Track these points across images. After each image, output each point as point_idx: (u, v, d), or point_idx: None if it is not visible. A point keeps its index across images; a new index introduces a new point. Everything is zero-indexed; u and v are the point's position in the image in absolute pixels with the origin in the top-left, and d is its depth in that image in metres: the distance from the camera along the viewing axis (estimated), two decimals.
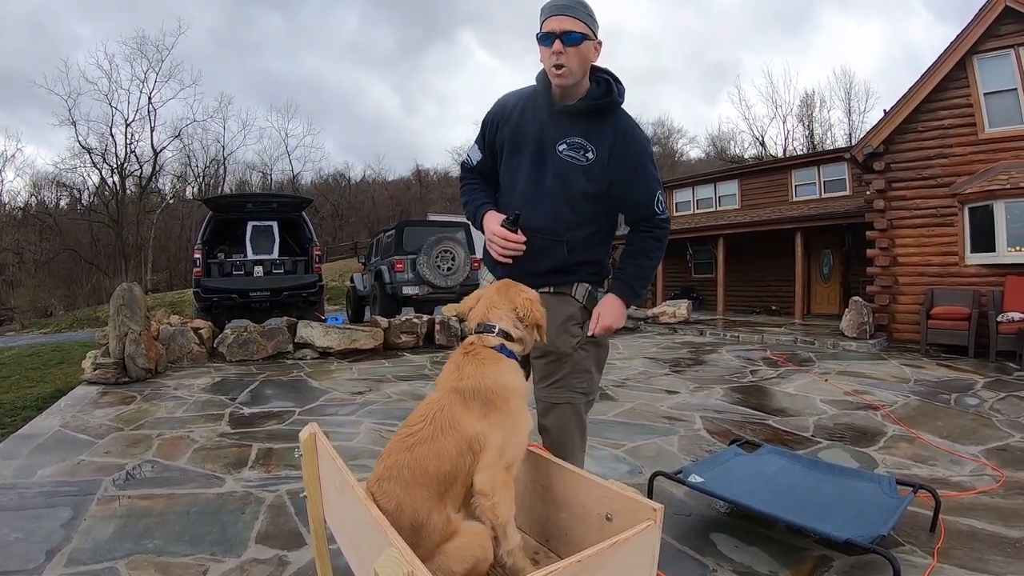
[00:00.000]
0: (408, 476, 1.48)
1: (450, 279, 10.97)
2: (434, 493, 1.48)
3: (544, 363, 2.05)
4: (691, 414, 4.85)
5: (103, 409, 5.15)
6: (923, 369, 7.13)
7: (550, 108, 2.00)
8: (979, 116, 8.79)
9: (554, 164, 1.99)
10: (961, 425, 4.58)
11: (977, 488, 3.24)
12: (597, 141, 1.96)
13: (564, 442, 2.08)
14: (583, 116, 1.98)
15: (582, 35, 1.89)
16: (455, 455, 1.49)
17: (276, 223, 10.71)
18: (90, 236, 39.44)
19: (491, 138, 2.15)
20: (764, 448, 3.29)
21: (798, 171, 15.89)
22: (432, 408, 1.57)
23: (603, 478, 1.56)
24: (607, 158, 1.97)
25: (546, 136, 2.00)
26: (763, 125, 50.47)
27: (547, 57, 1.91)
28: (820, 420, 4.71)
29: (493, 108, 2.17)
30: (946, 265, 9.16)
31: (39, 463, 3.66)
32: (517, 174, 2.07)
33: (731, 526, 2.75)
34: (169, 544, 2.59)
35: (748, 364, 7.46)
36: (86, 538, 2.62)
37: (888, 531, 2.24)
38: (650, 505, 1.34)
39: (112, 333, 6.69)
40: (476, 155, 2.21)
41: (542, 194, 2.02)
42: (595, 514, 1.52)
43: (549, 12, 1.89)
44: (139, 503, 3.03)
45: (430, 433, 1.52)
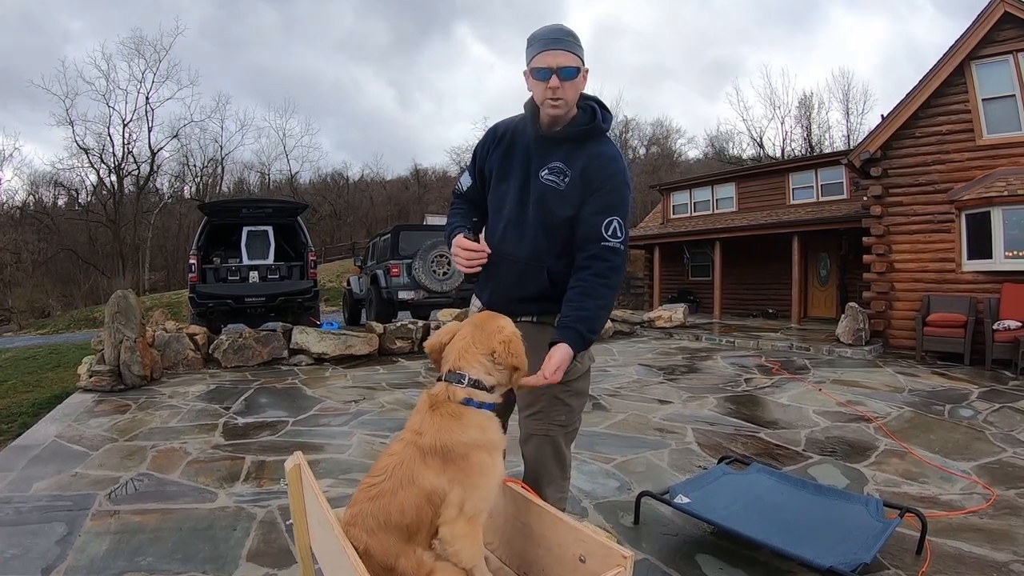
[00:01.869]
0: (373, 523, 1.53)
1: (446, 284, 10.96)
2: (400, 539, 1.53)
3: (524, 393, 2.00)
4: (683, 426, 4.84)
5: (98, 418, 5.17)
6: (918, 378, 7.12)
7: (537, 135, 2.02)
8: (977, 122, 8.77)
9: (535, 189, 2.01)
10: (954, 439, 4.55)
11: (966, 508, 3.22)
12: (573, 164, 1.97)
13: (540, 472, 2.09)
14: (566, 142, 2.00)
15: (576, 68, 1.91)
16: (415, 508, 1.53)
17: (271, 228, 10.74)
18: (88, 236, 39.42)
19: (481, 164, 2.17)
20: (753, 467, 3.28)
21: (795, 174, 15.86)
22: (393, 461, 1.59)
23: (579, 519, 1.60)
24: (578, 179, 1.96)
25: (532, 162, 2.03)
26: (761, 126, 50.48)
27: (542, 91, 1.92)
28: (812, 433, 4.69)
29: (485, 135, 2.20)
30: (943, 272, 9.14)
31: (35, 475, 3.69)
32: (504, 200, 2.08)
33: (717, 547, 2.73)
34: (161, 561, 2.61)
35: (743, 372, 7.44)
36: (81, 555, 2.64)
37: (872, 558, 2.23)
38: (620, 552, 1.36)
39: (107, 341, 6.72)
40: (467, 181, 2.23)
41: (525, 220, 2.03)
42: (570, 554, 1.55)
43: (543, 47, 1.89)
44: (133, 519, 3.05)
45: (391, 486, 1.55)
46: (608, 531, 2.83)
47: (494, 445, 1.66)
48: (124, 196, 38.76)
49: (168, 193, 42.96)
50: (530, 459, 2.11)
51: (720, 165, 37.71)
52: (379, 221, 45.96)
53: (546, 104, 1.93)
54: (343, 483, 3.58)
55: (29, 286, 31.63)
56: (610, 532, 1.53)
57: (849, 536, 2.44)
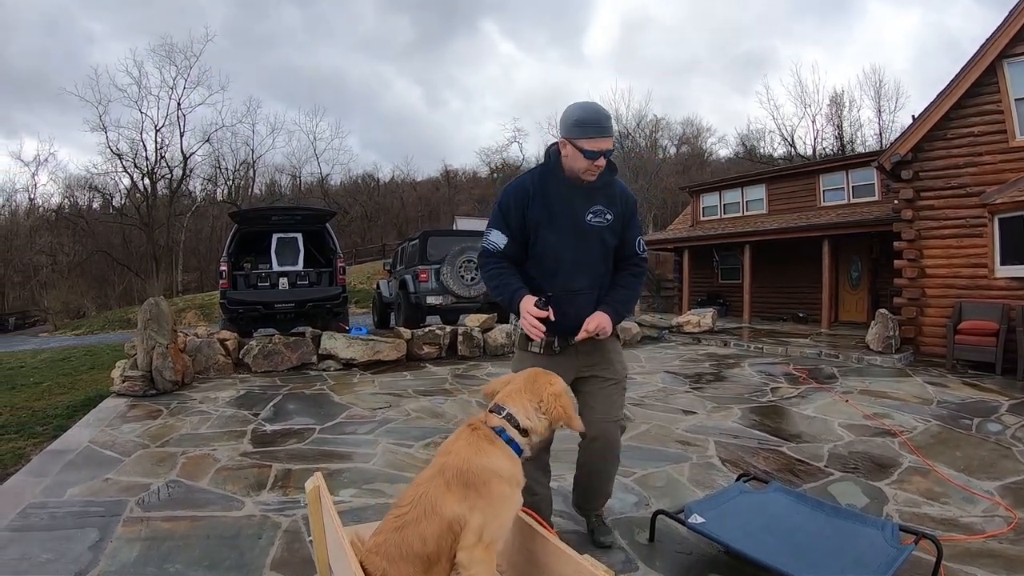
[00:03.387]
0: (395, 553, 1.64)
1: (474, 289, 11.03)
2: (420, 568, 1.64)
3: (606, 386, 2.65)
4: (705, 439, 4.83)
5: (130, 424, 5.33)
6: (947, 388, 6.99)
7: (570, 187, 2.48)
8: (1010, 123, 8.57)
9: (589, 231, 2.51)
10: (980, 456, 4.47)
11: (987, 532, 3.16)
12: (611, 205, 2.54)
13: (614, 451, 2.74)
14: (601, 189, 2.52)
15: (613, 148, 2.44)
16: (437, 536, 1.64)
17: (300, 235, 10.87)
18: (122, 238, 40.40)
19: (518, 219, 2.50)
20: (771, 486, 3.27)
21: (826, 175, 15.63)
22: (419, 491, 1.71)
23: (579, 552, 1.62)
24: (620, 215, 2.57)
25: (576, 210, 2.49)
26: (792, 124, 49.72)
27: (586, 166, 2.38)
28: (835, 448, 4.65)
29: (510, 194, 2.54)
30: (975, 277, 8.95)
31: (69, 481, 3.82)
32: (558, 245, 2.51)
33: (731, 568, 2.74)
34: (189, 568, 2.71)
35: (769, 380, 7.39)
36: (112, 561, 2.74)
37: None
38: None
39: (140, 347, 6.93)
40: (501, 240, 2.51)
41: (583, 258, 2.54)
42: None
43: (596, 134, 2.33)
44: (162, 525, 3.15)
45: (415, 516, 1.67)
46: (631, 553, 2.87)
47: (515, 479, 1.79)
48: (157, 199, 39.62)
49: (201, 196, 43.83)
50: (605, 441, 2.67)
51: (752, 165, 37.27)
52: (410, 222, 46.36)
53: (586, 174, 2.42)
54: (367, 493, 3.67)
55: (64, 287, 32.46)
56: (608, 568, 1.56)
57: (861, 562, 2.45)
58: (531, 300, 2.37)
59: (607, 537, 2.93)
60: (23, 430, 5.51)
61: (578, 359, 2.63)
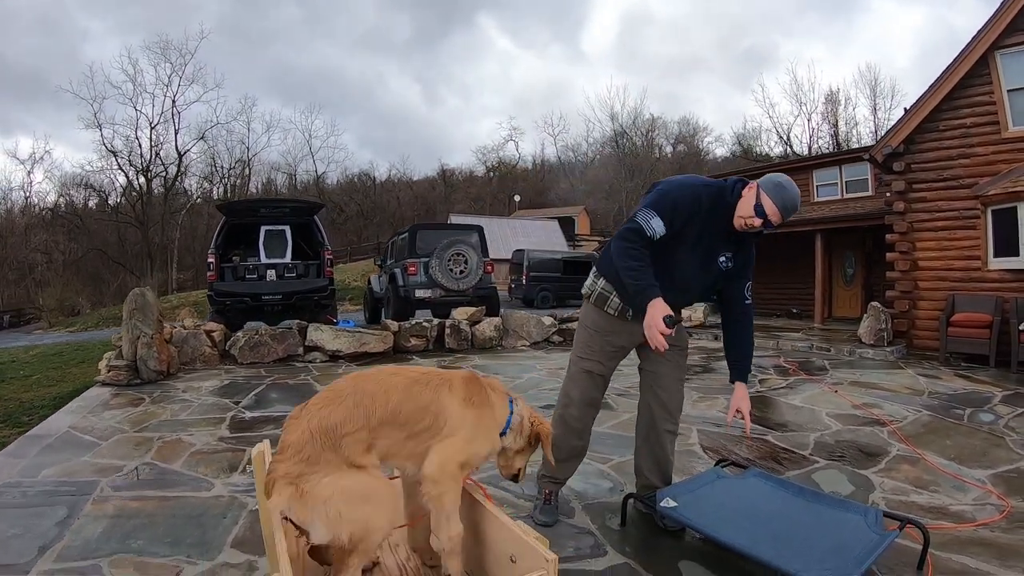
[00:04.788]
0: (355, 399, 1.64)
1: (462, 282, 10.98)
2: (369, 424, 1.60)
3: (675, 351, 2.81)
4: (688, 427, 4.73)
5: (112, 411, 5.32)
6: (940, 380, 6.91)
7: (727, 225, 2.57)
8: (1002, 114, 8.50)
9: (715, 269, 2.66)
10: (971, 445, 4.37)
11: (977, 520, 3.05)
12: (738, 254, 2.68)
13: (679, 402, 2.97)
14: (742, 239, 2.65)
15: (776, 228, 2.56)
16: (424, 405, 1.67)
17: (289, 227, 10.83)
18: (117, 236, 40.25)
19: (681, 222, 2.52)
20: (750, 471, 3.18)
21: (819, 171, 15.56)
22: (425, 371, 1.81)
23: (515, 518, 1.60)
24: (741, 265, 2.71)
25: (716, 247, 2.62)
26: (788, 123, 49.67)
27: (750, 220, 2.48)
28: (822, 437, 4.56)
29: (685, 194, 2.54)
30: (968, 270, 8.88)
31: (44, 463, 3.85)
32: (685, 267, 2.62)
33: (705, 554, 2.64)
34: (151, 545, 2.70)
35: (758, 372, 7.29)
36: (77, 536, 2.77)
37: (861, 573, 2.12)
38: (544, 555, 1.34)
39: (125, 336, 6.90)
40: (660, 228, 2.48)
41: (695, 286, 2.72)
42: (504, 554, 1.55)
43: (784, 213, 2.46)
44: (130, 504, 3.17)
45: (427, 378, 1.74)
46: (600, 537, 2.77)
47: (496, 437, 1.86)
48: (152, 197, 39.47)
49: (196, 194, 43.68)
50: (676, 395, 2.94)
51: (748, 164, 37.27)
52: (406, 221, 46.24)
53: (740, 223, 2.52)
54: None
55: (59, 285, 32.34)
56: (541, 537, 1.48)
57: (842, 548, 2.34)
58: (663, 310, 2.39)
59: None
60: (9, 419, 5.48)
61: None
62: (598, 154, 54.42)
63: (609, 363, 2.91)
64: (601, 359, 2.88)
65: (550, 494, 3.00)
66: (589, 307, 2.93)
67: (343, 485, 1.49)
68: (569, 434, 2.92)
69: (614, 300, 2.78)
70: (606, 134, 52.72)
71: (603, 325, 2.85)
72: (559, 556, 2.56)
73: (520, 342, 9.67)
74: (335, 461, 1.52)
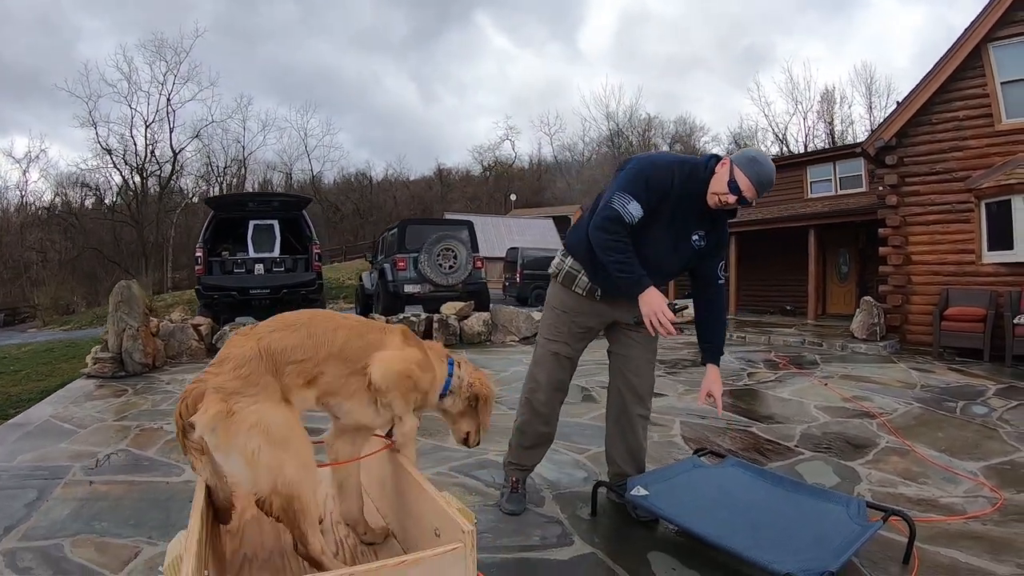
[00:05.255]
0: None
1: (451, 277, 10.91)
2: (318, 356, 1.54)
3: (647, 334, 2.62)
4: (671, 419, 4.63)
5: (94, 401, 5.35)
6: (933, 374, 6.81)
7: (700, 202, 2.48)
8: (996, 107, 8.41)
9: (688, 248, 2.57)
10: (963, 437, 4.26)
11: (968, 513, 2.93)
12: (711, 233, 2.59)
13: (650, 386, 2.86)
14: (718, 217, 2.56)
15: (752, 204, 2.49)
16: (369, 343, 1.62)
17: (277, 222, 10.75)
18: (113, 235, 40.06)
19: (655, 201, 2.44)
20: (728, 460, 3.06)
21: (813, 167, 15.47)
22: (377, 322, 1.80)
23: (440, 489, 1.48)
24: (712, 244, 2.62)
25: (689, 225, 2.53)
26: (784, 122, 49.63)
27: (724, 196, 2.39)
28: (809, 428, 4.45)
29: (658, 171, 2.46)
30: (962, 264, 8.78)
31: (21, 449, 3.90)
32: (657, 245, 2.53)
33: (677, 545, 2.53)
34: (115, 526, 2.72)
35: (748, 366, 7.20)
36: (44, 517, 2.81)
37: (840, 566, 1.99)
38: (460, 527, 1.23)
39: (111, 329, 6.91)
40: (638, 212, 2.41)
41: (667, 265, 2.62)
42: (429, 527, 1.44)
43: (760, 188, 2.36)
44: (100, 488, 3.21)
45: (360, 328, 1.66)
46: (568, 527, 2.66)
47: (434, 395, 1.79)
48: (147, 196, 39.30)
49: (192, 192, 43.51)
50: (647, 379, 2.83)
51: None
52: None
53: (714, 200, 2.43)
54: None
55: (53, 284, 32.23)
56: (464, 508, 1.38)
57: (821, 540, 2.22)
58: (660, 297, 2.39)
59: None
60: None
61: (616, 308, 2.71)
62: (594, 153, 54.29)
63: (577, 345, 2.82)
64: (568, 341, 2.78)
65: (517, 482, 2.90)
66: (556, 287, 2.84)
67: (270, 418, 1.36)
68: (535, 419, 2.83)
69: (582, 279, 2.69)
70: (602, 133, 52.65)
71: (571, 305, 2.76)
72: (524, 544, 2.53)
73: (509, 337, 9.56)
74: (272, 388, 1.42)
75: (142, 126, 38.81)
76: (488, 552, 2.44)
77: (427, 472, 3.44)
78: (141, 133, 38.88)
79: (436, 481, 3.29)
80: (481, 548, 2.48)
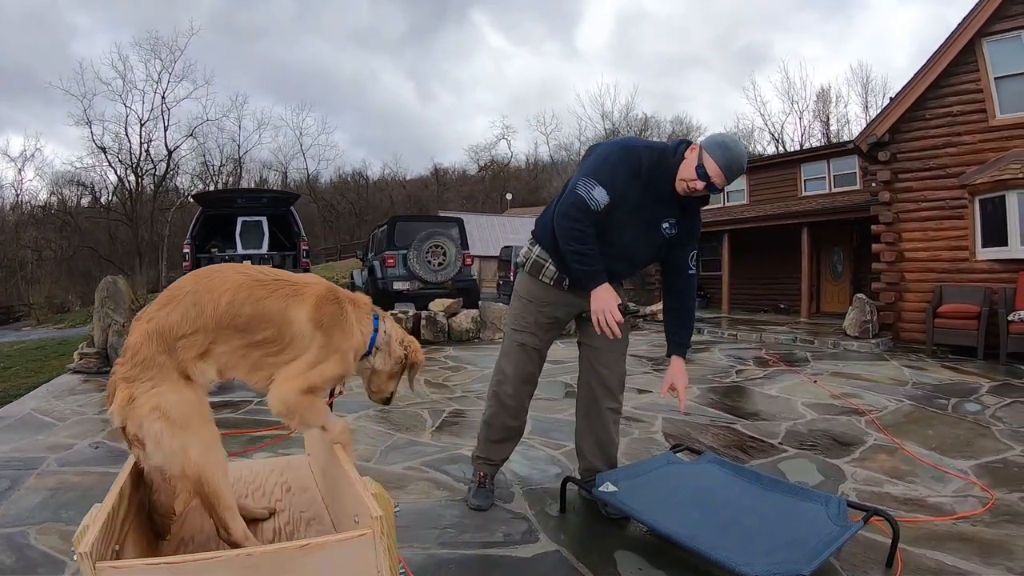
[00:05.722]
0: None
1: (440, 274, 10.82)
2: (205, 325, 1.39)
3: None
4: (654, 415, 4.51)
5: (76, 396, 5.34)
6: (925, 371, 6.70)
7: (669, 188, 2.40)
8: (989, 102, 8.32)
9: (658, 236, 2.49)
10: (955, 435, 4.13)
11: (957, 513, 2.79)
12: (682, 220, 2.50)
13: (621, 378, 2.78)
14: (688, 204, 2.47)
15: (721, 190, 2.46)
16: (266, 311, 1.44)
17: (265, 218, 10.68)
18: (108, 234, 39.93)
19: (622, 186, 2.35)
20: (705, 456, 2.95)
21: (807, 165, 15.39)
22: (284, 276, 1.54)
23: (360, 473, 1.37)
24: (686, 232, 2.54)
25: (659, 212, 2.45)
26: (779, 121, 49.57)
27: (692, 183, 2.31)
28: (795, 426, 4.33)
29: (625, 156, 2.39)
30: (956, 260, 8.68)
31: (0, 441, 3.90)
32: (627, 232, 2.46)
33: (646, 544, 2.41)
34: (82, 515, 2.54)
35: (737, 363, 7.09)
36: (13, 506, 2.82)
37: (814, 569, 1.87)
38: (369, 513, 1.16)
39: (97, 324, 6.88)
40: (603, 199, 2.32)
41: (638, 253, 2.55)
42: (351, 512, 1.35)
43: (729, 174, 2.27)
44: (72, 479, 3.21)
45: (260, 279, 1.47)
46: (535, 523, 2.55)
47: (356, 356, 1.64)
48: (142, 194, 39.16)
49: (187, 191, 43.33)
50: (618, 373, 2.76)
51: None
52: None
53: (682, 187, 2.35)
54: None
55: (48, 282, 32.17)
56: (383, 493, 1.29)
57: (796, 541, 2.10)
58: (615, 297, 2.33)
59: None
60: None
61: (584, 299, 2.55)
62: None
63: (545, 336, 2.72)
64: (536, 331, 2.68)
65: (485, 476, 2.81)
66: (524, 276, 2.75)
67: (167, 400, 1.31)
68: (503, 412, 2.73)
69: (550, 268, 2.60)
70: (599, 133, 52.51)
71: (538, 295, 2.66)
72: (486, 541, 2.42)
73: (498, 334, 9.43)
74: (168, 367, 1.34)
75: (137, 124, 38.63)
76: (449, 548, 2.37)
77: (398, 466, 3.37)
78: (136, 131, 38.72)
79: (404, 475, 3.22)
80: (443, 543, 2.41)
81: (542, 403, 4.81)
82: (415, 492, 3.00)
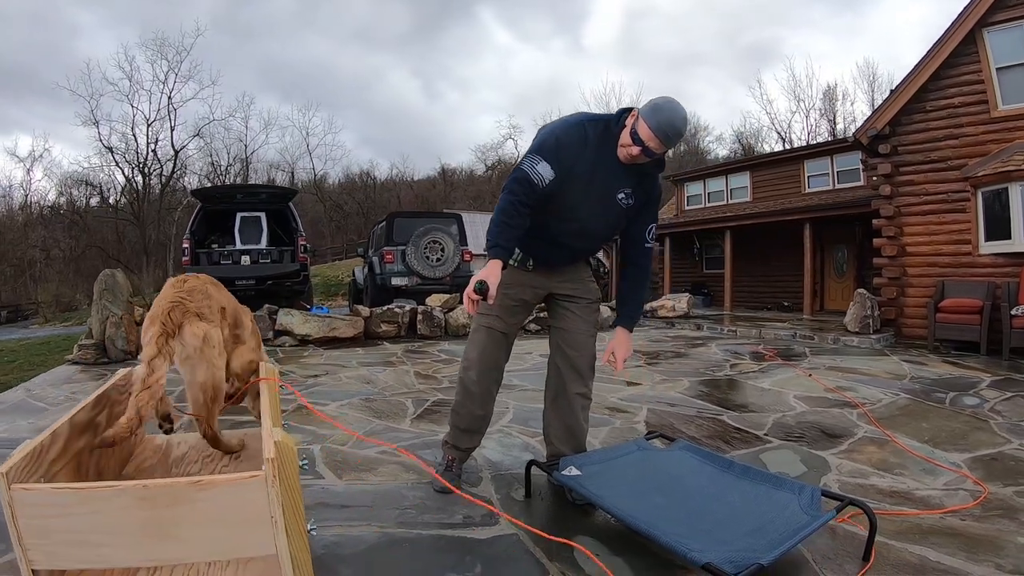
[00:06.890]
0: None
1: (438, 270, 10.82)
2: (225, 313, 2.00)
3: (582, 303, 2.69)
4: (639, 406, 4.44)
5: (72, 384, 5.34)
6: (925, 366, 6.58)
7: (616, 161, 2.37)
8: (991, 93, 8.18)
9: (614, 207, 2.45)
10: (950, 428, 4.00)
11: (946, 507, 2.67)
12: (637, 189, 2.46)
13: (590, 361, 2.71)
14: (639, 171, 2.42)
15: (662, 158, 2.39)
16: (242, 316, 2.18)
17: (264, 214, 10.77)
18: (115, 233, 40.16)
19: (570, 161, 2.32)
20: (678, 443, 2.87)
21: (810, 161, 15.24)
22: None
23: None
24: (642, 201, 2.51)
25: (612, 184, 2.41)
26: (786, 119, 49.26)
27: (628, 148, 2.29)
28: (783, 418, 4.24)
29: (569, 132, 2.36)
30: (958, 255, 8.55)
31: None
32: (581, 207, 2.42)
33: (608, 530, 2.35)
34: None
35: (732, 358, 6.99)
36: None
37: (771, 559, 1.78)
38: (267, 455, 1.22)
39: (95, 317, 6.93)
40: (548, 174, 2.29)
41: (595, 227, 2.51)
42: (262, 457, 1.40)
43: (663, 138, 2.22)
44: None
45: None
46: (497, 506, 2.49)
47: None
48: (149, 194, 39.36)
49: None
50: (582, 314, 2.70)
51: None
52: None
53: (623, 153, 2.33)
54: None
55: (56, 281, 32.46)
56: (287, 439, 1.37)
57: (762, 530, 2.02)
58: (486, 275, 2.20)
59: None
60: None
61: (551, 279, 2.66)
62: None
63: (511, 320, 2.68)
64: (501, 315, 2.62)
65: (453, 460, 2.79)
66: None
67: (219, 338, 1.79)
68: (468, 400, 2.68)
69: None
70: None
71: (503, 278, 2.59)
72: (445, 522, 2.37)
73: None
74: (218, 317, 1.86)
75: (144, 125, 38.82)
76: (406, 527, 2.34)
77: (372, 450, 3.33)
78: (143, 131, 38.92)
79: (376, 459, 3.19)
80: (401, 523, 2.37)
81: (527, 393, 4.77)
82: (384, 474, 2.96)
